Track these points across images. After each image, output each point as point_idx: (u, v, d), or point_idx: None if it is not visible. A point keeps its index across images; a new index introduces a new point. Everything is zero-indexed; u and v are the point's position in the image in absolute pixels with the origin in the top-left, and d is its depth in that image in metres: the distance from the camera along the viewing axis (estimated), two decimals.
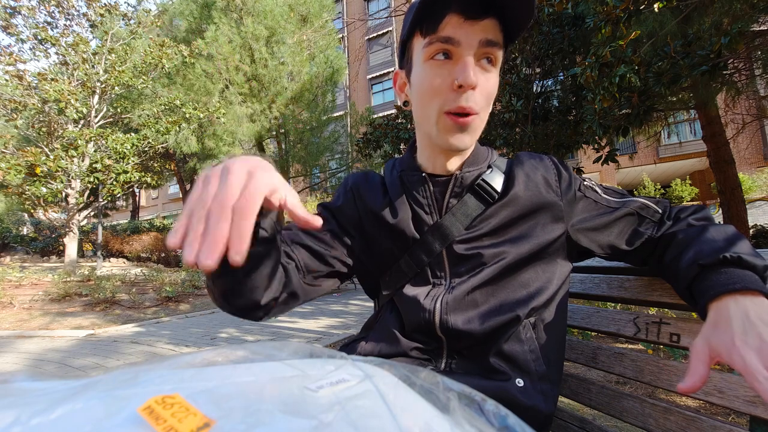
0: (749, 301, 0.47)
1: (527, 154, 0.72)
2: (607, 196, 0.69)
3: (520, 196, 0.65)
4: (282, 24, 10.51)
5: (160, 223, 17.27)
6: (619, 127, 3.46)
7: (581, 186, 0.69)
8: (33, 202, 9.01)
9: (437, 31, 0.58)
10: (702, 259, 0.53)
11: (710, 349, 0.47)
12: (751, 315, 0.46)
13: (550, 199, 0.66)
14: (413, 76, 0.64)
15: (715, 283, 0.51)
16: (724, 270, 0.51)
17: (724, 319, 0.47)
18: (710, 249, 0.54)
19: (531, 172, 0.68)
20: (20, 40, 9.32)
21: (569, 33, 4.02)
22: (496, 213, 0.66)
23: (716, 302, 0.50)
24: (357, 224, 0.73)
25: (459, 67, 0.58)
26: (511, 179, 0.67)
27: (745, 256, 0.51)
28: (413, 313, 0.66)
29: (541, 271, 0.66)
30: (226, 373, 0.27)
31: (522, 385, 0.60)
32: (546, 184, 0.67)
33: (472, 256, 0.65)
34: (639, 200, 0.68)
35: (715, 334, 0.48)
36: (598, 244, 0.67)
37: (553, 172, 0.68)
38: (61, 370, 3.37)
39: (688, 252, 0.57)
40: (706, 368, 0.47)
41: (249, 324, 5.30)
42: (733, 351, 0.44)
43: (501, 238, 0.65)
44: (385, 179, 0.75)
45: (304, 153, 11.73)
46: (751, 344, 0.43)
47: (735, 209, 5.41)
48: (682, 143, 14.94)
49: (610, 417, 0.78)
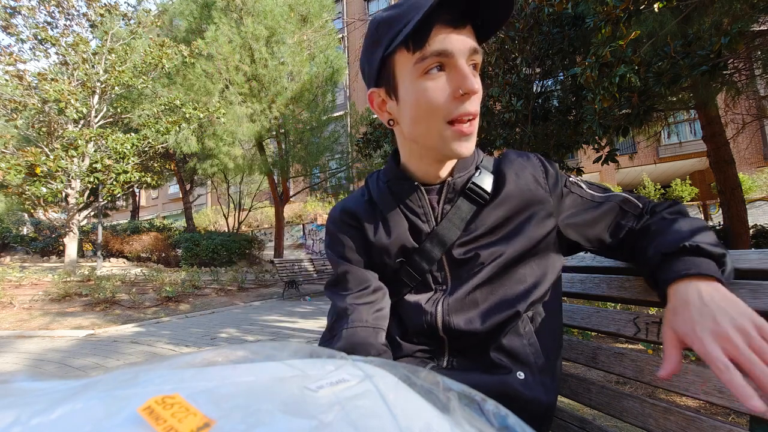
0: (704, 285, 0.51)
1: (514, 152, 0.74)
2: (592, 191, 0.71)
3: (512, 195, 0.67)
4: (282, 24, 10.50)
5: (160, 223, 17.28)
6: (619, 127, 3.46)
7: (567, 182, 0.71)
8: (33, 202, 9.01)
9: (428, 45, 0.57)
10: (664, 248, 0.57)
11: (677, 335, 0.51)
12: (705, 298, 0.49)
13: (539, 196, 0.67)
14: (403, 93, 0.63)
15: (674, 269, 0.55)
16: (683, 258, 0.55)
17: (682, 304, 0.51)
18: (673, 239, 0.57)
19: (520, 170, 0.69)
20: (20, 40, 9.32)
21: (569, 33, 4.02)
22: (489, 213, 0.67)
23: (674, 286, 0.54)
24: (359, 247, 0.74)
25: (458, 77, 0.58)
26: (500, 179, 0.69)
27: (703, 244, 0.54)
28: (416, 318, 0.68)
29: (535, 266, 0.67)
30: (226, 373, 0.27)
31: (523, 377, 0.61)
32: (535, 182, 0.68)
33: (471, 258, 0.67)
34: (621, 195, 0.71)
35: (676, 320, 0.51)
36: (586, 238, 0.70)
37: (541, 170, 0.70)
38: (61, 370, 3.37)
39: (654, 242, 0.61)
40: (678, 352, 0.51)
41: (249, 324, 5.30)
42: (694, 338, 0.48)
43: (496, 237, 0.67)
44: (372, 192, 0.75)
45: (304, 153, 11.72)
46: (706, 327, 0.46)
47: (735, 209, 5.41)
48: (682, 143, 14.94)
49: (610, 417, 0.78)
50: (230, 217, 17.37)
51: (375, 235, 0.71)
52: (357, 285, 0.71)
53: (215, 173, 13.66)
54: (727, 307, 0.47)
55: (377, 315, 0.68)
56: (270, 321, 5.55)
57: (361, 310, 0.68)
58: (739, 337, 0.44)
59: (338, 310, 0.69)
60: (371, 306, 0.69)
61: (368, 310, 0.68)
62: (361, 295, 0.69)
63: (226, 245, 13.10)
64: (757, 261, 0.61)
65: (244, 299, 7.85)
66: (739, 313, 0.46)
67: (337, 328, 0.68)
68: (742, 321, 0.46)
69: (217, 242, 13.00)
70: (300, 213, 18.06)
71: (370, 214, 0.73)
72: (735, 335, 0.45)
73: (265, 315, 6.11)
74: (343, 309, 0.68)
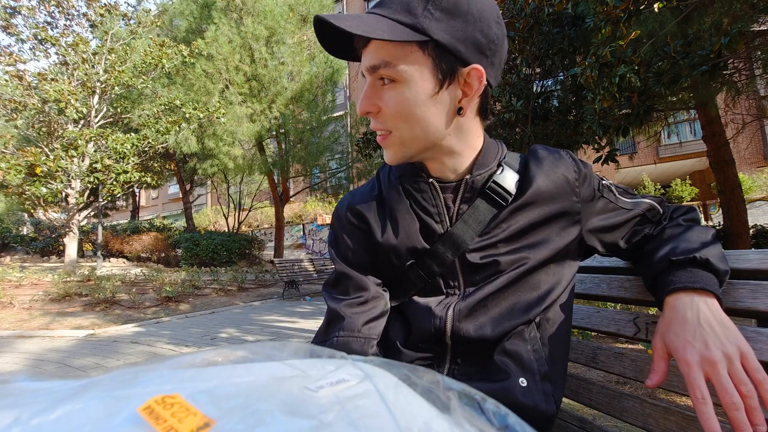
0: (703, 303, 0.53)
1: (544, 148, 0.68)
2: (622, 197, 0.68)
3: (540, 198, 0.62)
4: (282, 24, 10.50)
5: (160, 223, 17.28)
6: (619, 127, 3.46)
7: (600, 185, 0.67)
8: (33, 202, 9.01)
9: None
10: (674, 256, 0.58)
11: (667, 348, 0.53)
12: (701, 318, 0.51)
13: (570, 201, 0.63)
14: None
15: (679, 278, 0.56)
16: (690, 269, 0.56)
17: (679, 319, 0.53)
18: (684, 248, 0.58)
19: (550, 170, 0.63)
20: (20, 40, 9.34)
21: (569, 33, 4.02)
22: (511, 216, 0.62)
23: (674, 296, 0.55)
24: (363, 248, 0.70)
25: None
26: (527, 179, 0.63)
27: (712, 259, 0.56)
28: (424, 321, 0.64)
29: (551, 273, 0.64)
30: (226, 373, 0.27)
31: (525, 385, 0.59)
32: (567, 184, 0.63)
33: (488, 264, 0.62)
34: (647, 201, 0.68)
35: (669, 334, 0.53)
36: (602, 243, 0.68)
37: (574, 171, 0.64)
38: (61, 370, 3.37)
39: (665, 247, 0.61)
40: (665, 365, 0.54)
41: (249, 324, 5.30)
42: (683, 359, 0.50)
43: (519, 244, 0.62)
44: (383, 187, 0.71)
45: (304, 153, 11.72)
46: (696, 350, 0.49)
47: (735, 209, 5.41)
48: (682, 143, 14.93)
49: (610, 417, 0.78)
50: (230, 217, 17.37)
51: (383, 234, 0.67)
52: (354, 291, 0.67)
53: (215, 173, 13.66)
54: (721, 332, 0.50)
55: (370, 325, 0.65)
56: (270, 321, 5.55)
57: (354, 318, 0.64)
58: (724, 365, 0.48)
59: (332, 314, 0.67)
60: (365, 315, 0.65)
61: (362, 318, 0.65)
62: (357, 302, 0.66)
63: (226, 245, 13.11)
64: (757, 261, 0.61)
65: (244, 299, 7.85)
66: (729, 340, 0.49)
67: (329, 333, 0.65)
68: (730, 349, 0.49)
69: (217, 242, 13.00)
70: (300, 213, 18.07)
71: (378, 212, 0.68)
72: (721, 362, 0.48)
73: (265, 315, 6.11)
74: (337, 314, 0.66)
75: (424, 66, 0.56)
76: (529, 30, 3.94)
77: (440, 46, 0.55)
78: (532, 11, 3.87)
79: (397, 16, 0.54)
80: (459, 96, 0.59)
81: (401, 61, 0.55)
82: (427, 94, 0.57)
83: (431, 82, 0.56)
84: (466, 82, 0.58)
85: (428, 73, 0.56)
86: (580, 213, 0.64)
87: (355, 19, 0.53)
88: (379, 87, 0.58)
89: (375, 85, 0.59)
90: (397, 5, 0.55)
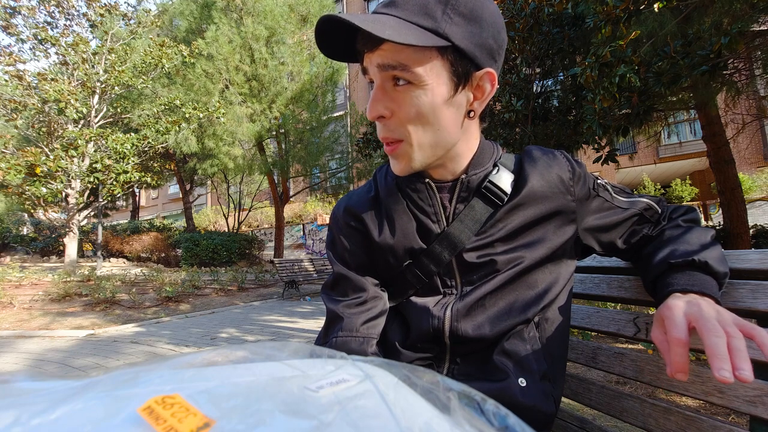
0: (702, 301, 0.52)
1: (538, 149, 0.69)
2: (618, 196, 0.68)
3: (535, 198, 0.63)
4: (282, 24, 10.51)
5: (160, 223, 17.27)
6: (619, 127, 3.46)
7: (595, 185, 0.67)
8: (33, 202, 9.02)
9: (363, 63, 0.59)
10: (672, 259, 0.58)
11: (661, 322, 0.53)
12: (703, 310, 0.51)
13: (565, 200, 0.64)
14: None
15: (678, 281, 0.56)
16: (689, 272, 0.56)
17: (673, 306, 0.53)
18: (683, 251, 0.58)
19: (544, 170, 0.64)
20: (20, 40, 9.34)
21: (569, 33, 4.02)
22: (507, 216, 0.63)
23: (671, 299, 0.55)
24: (361, 249, 0.70)
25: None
26: (522, 178, 0.64)
27: (711, 261, 0.56)
28: (422, 322, 0.65)
29: (548, 272, 0.65)
30: (226, 373, 0.27)
31: (524, 384, 0.59)
32: (561, 184, 0.64)
33: (485, 264, 0.63)
34: (644, 200, 0.69)
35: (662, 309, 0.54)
36: (600, 243, 0.68)
37: (568, 170, 0.65)
38: (61, 370, 3.37)
39: (664, 249, 0.61)
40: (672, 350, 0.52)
41: (249, 324, 5.30)
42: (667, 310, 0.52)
43: (515, 243, 0.63)
44: (379, 188, 0.71)
45: (304, 153, 11.73)
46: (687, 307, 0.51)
47: (735, 209, 5.41)
48: (682, 143, 14.94)
49: (610, 417, 0.78)
50: (230, 217, 17.38)
51: (380, 235, 0.67)
52: (352, 292, 0.68)
53: (215, 173, 13.66)
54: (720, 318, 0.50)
55: (369, 324, 0.66)
56: (270, 321, 5.55)
57: (353, 318, 0.65)
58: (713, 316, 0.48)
59: (331, 315, 0.67)
60: (364, 315, 0.66)
61: (361, 318, 0.65)
62: (356, 302, 0.67)
63: (226, 245, 13.11)
64: (757, 261, 0.61)
65: (244, 299, 7.85)
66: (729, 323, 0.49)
67: (329, 335, 0.66)
68: (726, 315, 0.49)
69: (217, 242, 13.00)
70: (300, 213, 18.07)
71: (375, 213, 0.69)
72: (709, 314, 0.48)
73: (265, 315, 6.11)
74: (336, 315, 0.66)
75: (441, 70, 0.55)
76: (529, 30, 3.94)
77: (458, 51, 0.54)
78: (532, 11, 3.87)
79: (414, 18, 0.53)
80: (471, 99, 0.59)
81: (418, 64, 0.54)
82: (442, 97, 0.56)
83: (447, 86, 0.56)
84: (479, 86, 0.58)
85: (445, 76, 0.56)
86: (575, 212, 0.64)
87: (376, 21, 0.51)
88: (391, 89, 0.57)
89: (385, 87, 0.57)
90: (413, 7, 0.53)
